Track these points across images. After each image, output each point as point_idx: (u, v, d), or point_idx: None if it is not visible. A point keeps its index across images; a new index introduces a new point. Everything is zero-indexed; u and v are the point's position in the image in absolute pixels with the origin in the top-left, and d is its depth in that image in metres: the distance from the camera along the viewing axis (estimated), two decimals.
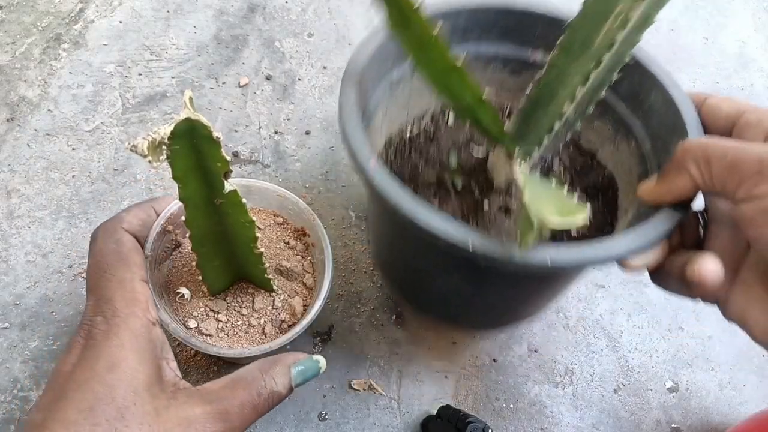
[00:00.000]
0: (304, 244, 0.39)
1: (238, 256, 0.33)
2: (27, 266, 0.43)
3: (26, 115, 0.49)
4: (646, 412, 0.47)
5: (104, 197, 0.47)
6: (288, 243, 0.39)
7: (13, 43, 0.53)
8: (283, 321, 0.35)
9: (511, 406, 0.45)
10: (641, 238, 0.28)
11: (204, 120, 0.24)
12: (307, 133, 0.53)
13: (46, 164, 0.48)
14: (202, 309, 0.34)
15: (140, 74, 0.53)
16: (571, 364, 0.48)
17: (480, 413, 0.44)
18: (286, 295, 0.36)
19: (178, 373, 0.25)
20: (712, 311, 0.53)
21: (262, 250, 0.32)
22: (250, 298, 0.36)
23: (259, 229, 0.38)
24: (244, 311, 0.35)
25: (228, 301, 0.35)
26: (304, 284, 0.37)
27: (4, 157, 0.47)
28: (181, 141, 0.24)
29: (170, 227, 0.35)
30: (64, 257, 0.44)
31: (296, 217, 0.39)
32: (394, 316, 0.47)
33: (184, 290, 0.34)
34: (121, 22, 0.56)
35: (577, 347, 0.48)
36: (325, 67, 0.57)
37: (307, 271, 0.38)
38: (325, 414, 0.42)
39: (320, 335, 0.45)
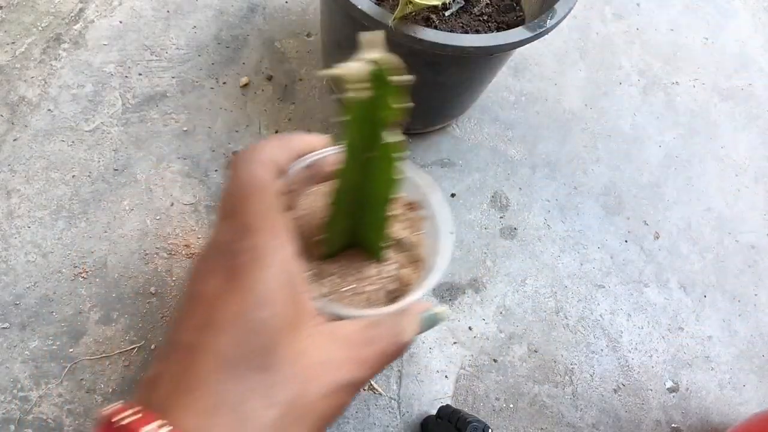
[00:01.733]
0: (414, 217, 0.39)
1: (364, 218, 0.32)
2: (27, 266, 0.43)
3: (26, 115, 0.49)
4: (646, 412, 0.47)
5: (104, 197, 0.47)
6: (400, 215, 0.39)
7: (13, 43, 0.53)
8: (391, 290, 0.35)
9: (511, 406, 0.45)
10: (487, 40, 0.37)
11: (393, 59, 0.23)
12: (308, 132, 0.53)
13: (46, 164, 0.48)
14: (313, 272, 0.35)
15: (140, 74, 0.53)
16: (571, 364, 0.48)
17: (480, 413, 0.44)
18: (396, 266, 0.36)
19: (316, 304, 0.24)
20: (712, 311, 0.53)
21: (393, 212, 0.32)
22: (359, 266, 0.35)
23: None
24: (354, 278, 0.35)
25: (338, 266, 0.35)
26: (414, 256, 0.37)
27: (4, 157, 0.47)
28: (376, 84, 0.23)
29: (294, 186, 0.35)
30: (64, 257, 0.44)
31: (410, 191, 0.39)
32: None
33: None
34: (121, 22, 0.56)
35: (577, 347, 0.48)
36: (325, 67, 0.57)
37: (417, 244, 0.37)
38: None
39: None
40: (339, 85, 0.24)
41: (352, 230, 0.33)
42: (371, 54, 0.22)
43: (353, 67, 0.22)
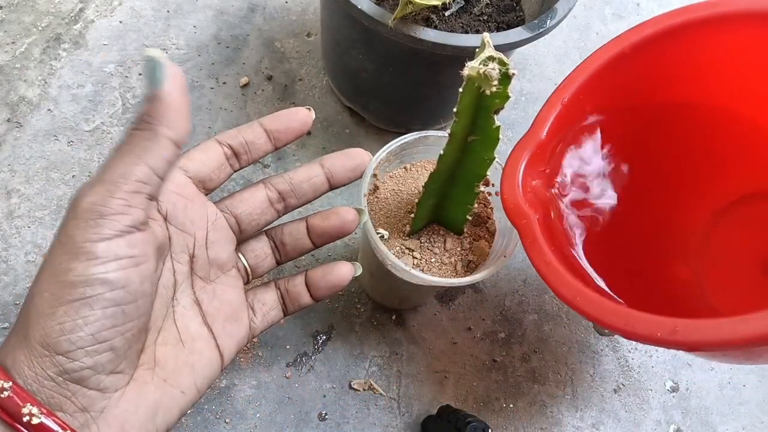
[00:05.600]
0: (486, 192, 0.41)
1: (452, 196, 0.35)
2: (27, 266, 0.43)
3: (26, 115, 0.49)
4: (646, 412, 0.47)
5: None
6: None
7: (13, 43, 0.53)
8: (471, 261, 0.38)
9: (511, 406, 0.45)
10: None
11: (504, 57, 0.26)
12: (308, 133, 0.53)
13: (46, 164, 0.48)
14: (398, 247, 0.37)
15: (140, 74, 0.53)
16: (571, 364, 0.48)
17: (480, 413, 0.44)
18: (472, 239, 0.39)
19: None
20: None
21: (482, 189, 0.34)
22: (442, 239, 0.38)
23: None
24: (437, 250, 0.38)
25: (422, 241, 0.38)
26: (488, 229, 0.39)
27: (4, 157, 0.47)
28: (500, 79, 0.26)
29: (377, 171, 0.38)
30: None
31: None
32: (393, 316, 0.47)
33: (383, 231, 0.37)
34: (121, 22, 0.56)
35: (577, 347, 0.48)
36: (325, 67, 0.57)
37: (489, 218, 0.40)
38: (325, 414, 0.42)
39: (320, 335, 0.45)
40: (467, 82, 0.27)
41: (436, 208, 0.37)
42: (489, 52, 0.26)
43: (481, 67, 0.25)
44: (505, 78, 0.26)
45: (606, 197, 0.41)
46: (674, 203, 0.43)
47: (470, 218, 0.38)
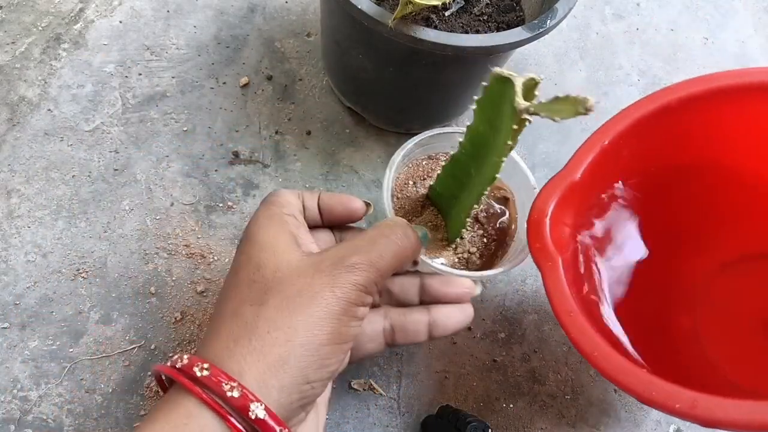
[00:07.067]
0: (502, 194, 0.42)
1: (460, 199, 0.36)
2: (27, 266, 0.43)
3: (26, 115, 0.49)
4: (646, 412, 0.47)
5: (104, 197, 0.47)
6: (492, 194, 0.42)
7: (13, 43, 0.53)
8: (482, 256, 0.39)
9: (511, 406, 0.45)
10: (487, 40, 0.37)
11: (537, 77, 0.27)
12: (308, 133, 0.53)
13: (46, 164, 0.48)
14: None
15: (140, 74, 0.53)
16: (571, 364, 0.48)
17: (480, 413, 0.44)
18: (479, 237, 0.40)
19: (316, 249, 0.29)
20: None
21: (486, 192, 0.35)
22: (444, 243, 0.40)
23: None
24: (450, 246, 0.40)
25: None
26: (502, 229, 0.41)
27: (4, 157, 0.47)
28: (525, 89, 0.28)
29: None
30: (64, 257, 0.44)
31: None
32: None
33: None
34: (121, 22, 0.56)
35: None
36: (325, 67, 0.57)
37: (507, 219, 0.41)
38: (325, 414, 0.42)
39: None
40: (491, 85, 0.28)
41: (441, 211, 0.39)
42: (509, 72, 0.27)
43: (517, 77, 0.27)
44: (530, 87, 0.28)
45: (627, 248, 0.42)
46: (684, 255, 0.43)
47: (475, 221, 0.38)
